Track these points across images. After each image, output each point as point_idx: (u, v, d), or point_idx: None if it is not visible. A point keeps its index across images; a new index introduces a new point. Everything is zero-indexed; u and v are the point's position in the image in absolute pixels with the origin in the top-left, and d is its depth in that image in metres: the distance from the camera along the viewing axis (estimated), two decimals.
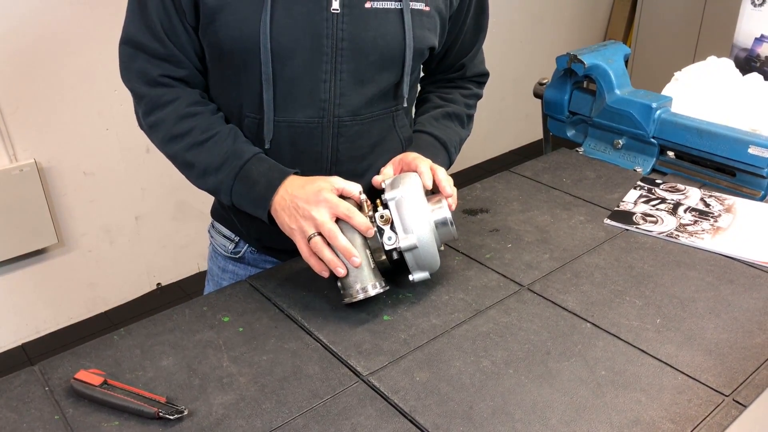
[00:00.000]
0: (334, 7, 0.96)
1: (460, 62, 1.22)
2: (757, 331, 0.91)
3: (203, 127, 1.02)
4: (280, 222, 0.99)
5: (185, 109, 1.02)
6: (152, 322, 0.96)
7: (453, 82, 1.25)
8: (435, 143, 1.14)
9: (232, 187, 1.01)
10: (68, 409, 0.80)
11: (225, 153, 1.01)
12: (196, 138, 1.01)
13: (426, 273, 0.98)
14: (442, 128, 1.17)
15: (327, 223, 0.93)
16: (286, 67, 0.98)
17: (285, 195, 0.97)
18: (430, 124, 1.16)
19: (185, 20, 0.99)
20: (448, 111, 1.19)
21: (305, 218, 0.94)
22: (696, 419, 0.77)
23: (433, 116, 1.18)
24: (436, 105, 1.20)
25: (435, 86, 1.25)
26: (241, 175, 1.00)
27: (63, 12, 2.18)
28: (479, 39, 1.21)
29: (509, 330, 0.93)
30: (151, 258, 2.72)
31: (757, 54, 1.68)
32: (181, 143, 1.02)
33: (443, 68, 1.22)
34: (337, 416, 0.79)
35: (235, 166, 1.00)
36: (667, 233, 1.15)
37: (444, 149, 1.15)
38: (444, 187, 1.00)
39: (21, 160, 2.24)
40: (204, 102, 1.06)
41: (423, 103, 1.23)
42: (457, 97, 1.22)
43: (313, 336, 0.93)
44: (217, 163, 1.01)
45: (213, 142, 1.01)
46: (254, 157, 1.01)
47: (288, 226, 0.97)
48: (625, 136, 1.43)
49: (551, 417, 0.78)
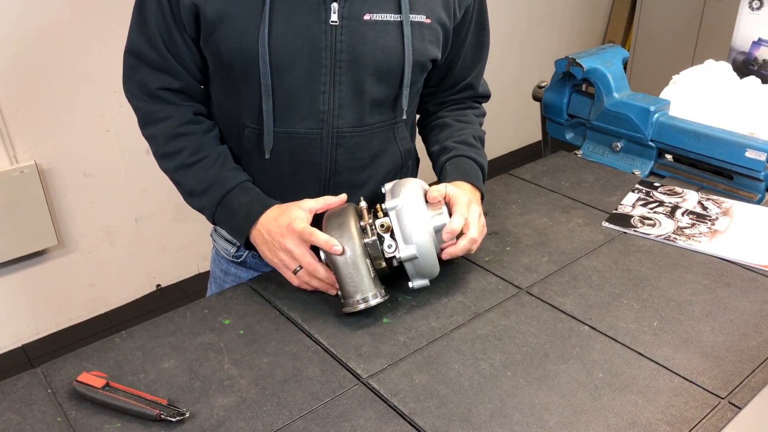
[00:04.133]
0: (333, 20, 0.97)
1: (467, 82, 1.21)
2: (753, 334, 0.92)
3: (192, 149, 1.05)
4: (261, 253, 1.03)
5: (176, 128, 1.05)
6: (153, 325, 0.97)
7: (464, 102, 1.24)
8: (475, 167, 1.12)
9: (214, 213, 1.05)
10: (71, 411, 0.81)
11: (210, 179, 1.04)
12: (185, 160, 1.04)
13: (425, 280, 0.98)
14: (477, 152, 1.15)
15: (304, 256, 0.97)
16: (285, 79, 0.99)
17: (261, 229, 1.01)
18: (467, 148, 1.14)
19: (185, 33, 1.00)
20: (473, 134, 1.17)
21: (284, 251, 0.98)
22: (692, 421, 0.78)
23: (464, 141, 1.15)
24: (460, 128, 1.18)
25: (447, 109, 1.23)
26: (223, 204, 1.04)
27: (64, 14, 2.18)
28: (482, 56, 1.20)
29: (508, 333, 0.93)
30: (151, 259, 2.72)
31: (755, 57, 1.69)
32: (171, 163, 1.06)
33: (447, 86, 1.21)
34: (337, 418, 0.80)
35: (217, 195, 1.04)
36: (664, 236, 1.16)
37: (482, 174, 1.13)
38: (471, 231, 0.99)
39: (21, 161, 2.24)
40: (197, 121, 1.07)
41: (444, 127, 1.20)
42: (473, 119, 1.22)
43: (313, 339, 0.94)
44: (202, 187, 1.04)
45: (200, 165, 1.04)
46: (238, 186, 1.04)
47: (270, 260, 1.01)
48: (624, 139, 1.44)
49: (549, 419, 0.79)
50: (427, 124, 1.24)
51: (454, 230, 0.97)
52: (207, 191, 1.04)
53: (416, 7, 1.01)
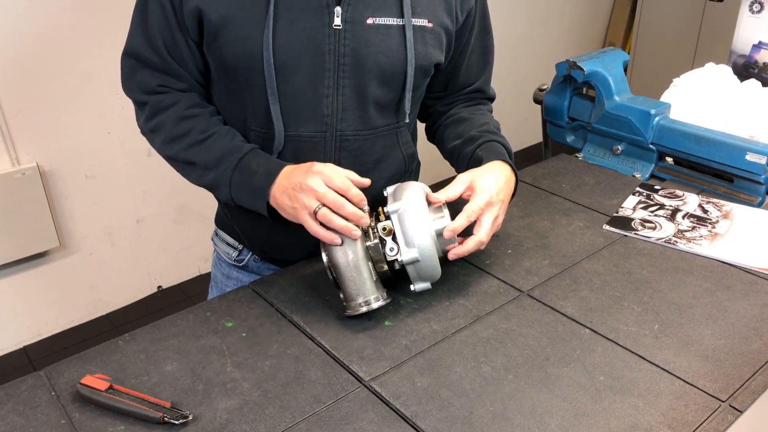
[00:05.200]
0: (336, 23, 0.97)
1: (475, 86, 1.20)
2: (753, 337, 0.93)
3: (202, 127, 1.04)
4: (281, 207, 0.97)
5: (184, 111, 1.04)
6: (156, 328, 0.97)
7: (474, 99, 1.23)
8: (505, 153, 1.11)
9: (231, 179, 1.01)
10: (74, 414, 0.81)
11: (223, 149, 1.02)
12: (195, 138, 1.03)
13: (427, 284, 0.99)
14: (503, 140, 1.14)
15: (329, 193, 0.91)
16: (289, 83, 0.99)
17: (282, 180, 0.97)
18: (494, 135, 1.13)
19: (188, 37, 1.00)
20: (494, 125, 1.17)
21: (304, 192, 0.93)
22: (693, 425, 0.78)
23: (488, 130, 1.14)
24: (480, 120, 1.17)
25: (459, 106, 1.22)
26: (240, 167, 1.00)
27: (65, 16, 2.19)
28: (489, 61, 1.20)
29: (509, 336, 0.94)
30: (152, 261, 2.73)
31: (755, 60, 1.70)
32: (181, 143, 1.04)
33: (453, 91, 1.21)
34: (340, 421, 0.80)
35: (233, 159, 1.01)
36: (665, 239, 1.16)
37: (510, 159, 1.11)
38: (480, 233, 0.98)
39: (23, 163, 2.25)
40: (203, 104, 1.07)
41: (462, 121, 1.18)
42: (486, 113, 1.22)
43: (315, 341, 0.94)
44: (217, 158, 1.02)
45: (212, 140, 1.03)
46: (252, 150, 1.03)
47: (290, 206, 0.95)
48: (624, 142, 1.44)
49: (550, 422, 0.79)
50: (441, 124, 1.22)
51: (456, 229, 0.96)
52: (222, 160, 1.02)
53: (418, 11, 1.02)
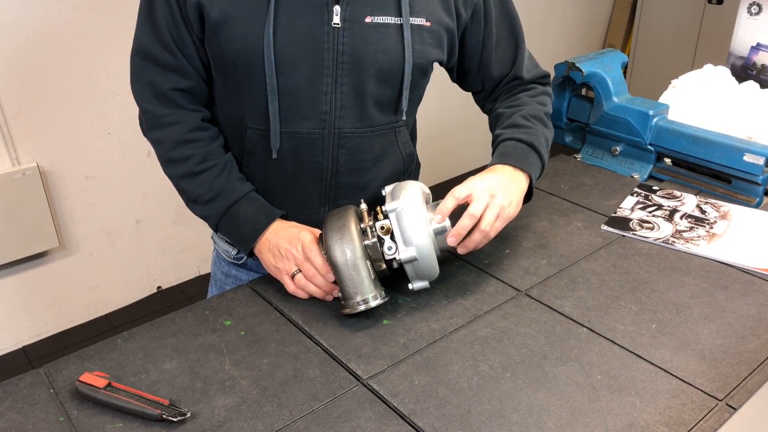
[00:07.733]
0: (335, 21, 0.98)
1: (511, 74, 1.18)
2: (750, 337, 0.93)
3: (200, 157, 1.05)
4: (264, 261, 1.05)
5: (185, 134, 1.05)
6: (155, 326, 0.97)
7: (515, 89, 1.21)
8: (521, 146, 1.09)
9: (218, 222, 1.07)
10: (73, 411, 0.82)
11: (217, 188, 1.05)
12: (191, 168, 1.05)
13: (425, 282, 0.99)
14: (524, 131, 1.11)
15: (306, 262, 0.99)
16: (289, 80, 1.00)
17: (271, 236, 1.03)
18: (513, 130, 1.11)
19: (192, 32, 1.01)
20: (522, 114, 1.13)
21: (287, 258, 1.01)
22: (689, 423, 0.78)
23: (511, 124, 1.13)
24: (510, 114, 1.15)
25: (500, 101, 1.21)
26: (229, 214, 1.06)
27: (65, 16, 2.19)
28: (518, 45, 1.17)
29: (507, 335, 0.94)
30: (152, 261, 2.73)
31: (753, 62, 1.70)
32: (178, 169, 1.06)
33: (492, 85, 1.20)
34: (338, 419, 0.80)
35: (223, 205, 1.05)
36: (663, 239, 1.16)
37: (533, 150, 1.09)
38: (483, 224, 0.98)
39: (23, 163, 2.25)
40: (204, 128, 1.08)
41: (496, 119, 1.18)
42: (525, 100, 1.17)
43: (313, 340, 0.94)
44: (208, 197, 1.05)
45: (207, 174, 1.05)
46: (244, 197, 1.06)
47: (273, 265, 1.03)
48: (623, 143, 1.44)
49: (548, 420, 0.79)
50: (489, 124, 1.22)
51: (460, 233, 0.98)
52: (213, 200, 1.05)
53: (416, 11, 1.02)
